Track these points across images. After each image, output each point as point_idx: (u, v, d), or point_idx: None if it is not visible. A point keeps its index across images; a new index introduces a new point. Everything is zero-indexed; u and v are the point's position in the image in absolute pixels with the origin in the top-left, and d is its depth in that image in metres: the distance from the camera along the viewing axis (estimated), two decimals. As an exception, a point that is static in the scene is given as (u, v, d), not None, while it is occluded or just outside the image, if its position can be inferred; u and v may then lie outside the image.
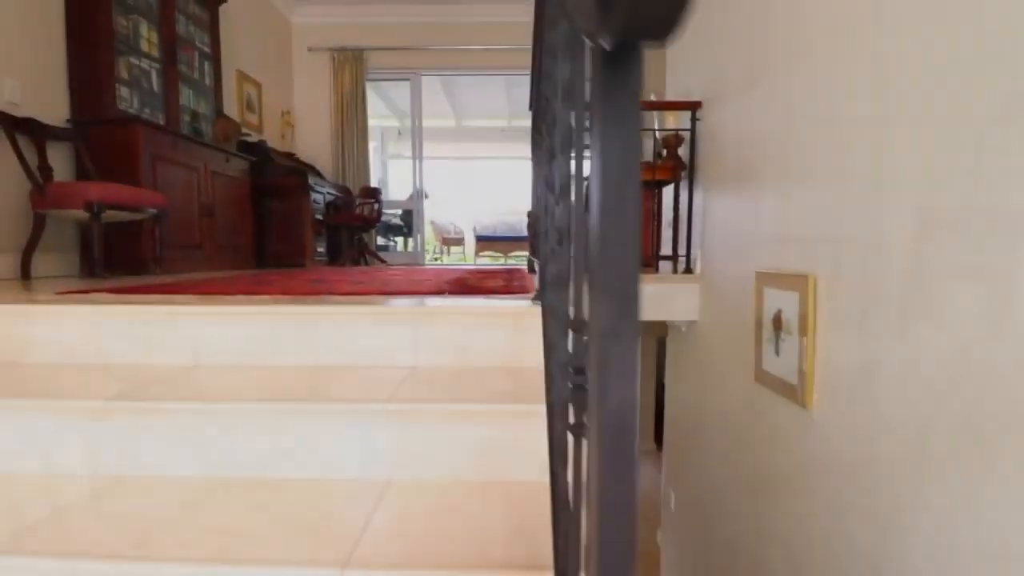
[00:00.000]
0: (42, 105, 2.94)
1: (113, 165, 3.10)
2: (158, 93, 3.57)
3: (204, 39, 4.09)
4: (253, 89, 5.24)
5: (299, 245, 4.86)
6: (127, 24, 3.31)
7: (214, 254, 3.83)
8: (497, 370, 1.37)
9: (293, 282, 2.24)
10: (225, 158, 3.99)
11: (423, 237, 6.62)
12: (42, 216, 2.69)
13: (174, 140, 3.40)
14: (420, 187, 6.53)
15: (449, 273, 3.16)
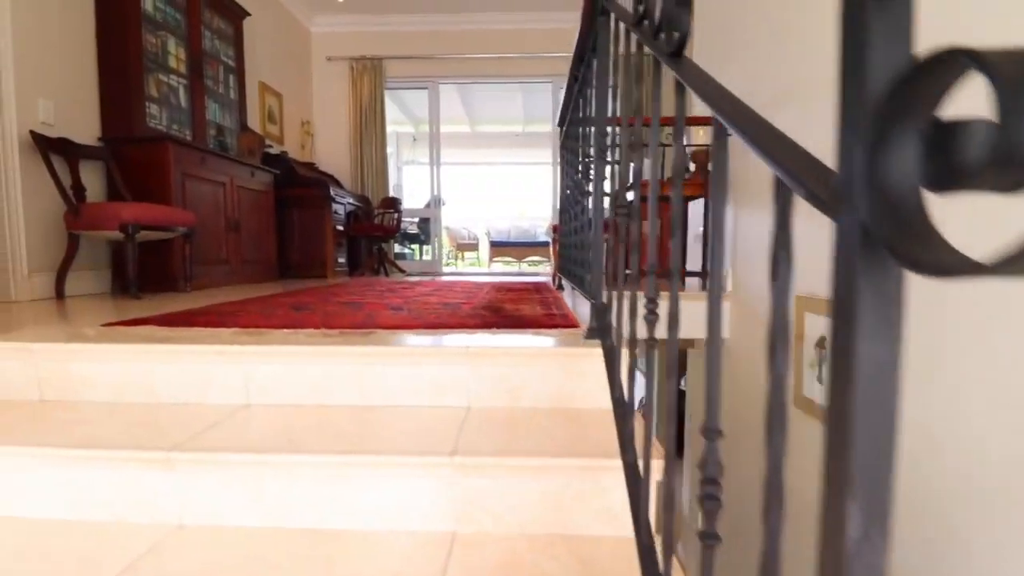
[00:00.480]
0: (74, 124, 2.96)
1: (143, 182, 3.11)
2: (185, 109, 3.59)
3: (229, 53, 4.10)
4: (274, 100, 5.25)
5: (320, 256, 4.87)
6: (156, 41, 3.32)
7: (239, 268, 3.83)
8: (553, 413, 1.34)
9: (330, 307, 2.23)
10: (250, 172, 4.00)
11: (441, 246, 6.62)
12: (76, 236, 2.71)
13: (202, 156, 3.41)
14: (437, 195, 6.53)
15: (477, 291, 3.14)
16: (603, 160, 1.56)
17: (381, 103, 6.10)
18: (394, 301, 2.47)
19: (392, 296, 2.75)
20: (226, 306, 2.25)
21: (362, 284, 3.73)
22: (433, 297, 2.68)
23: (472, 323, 1.75)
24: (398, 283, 3.90)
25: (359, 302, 2.42)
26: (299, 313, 2.01)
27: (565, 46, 6.31)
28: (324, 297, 2.67)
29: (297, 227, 4.86)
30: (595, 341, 1.46)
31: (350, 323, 1.76)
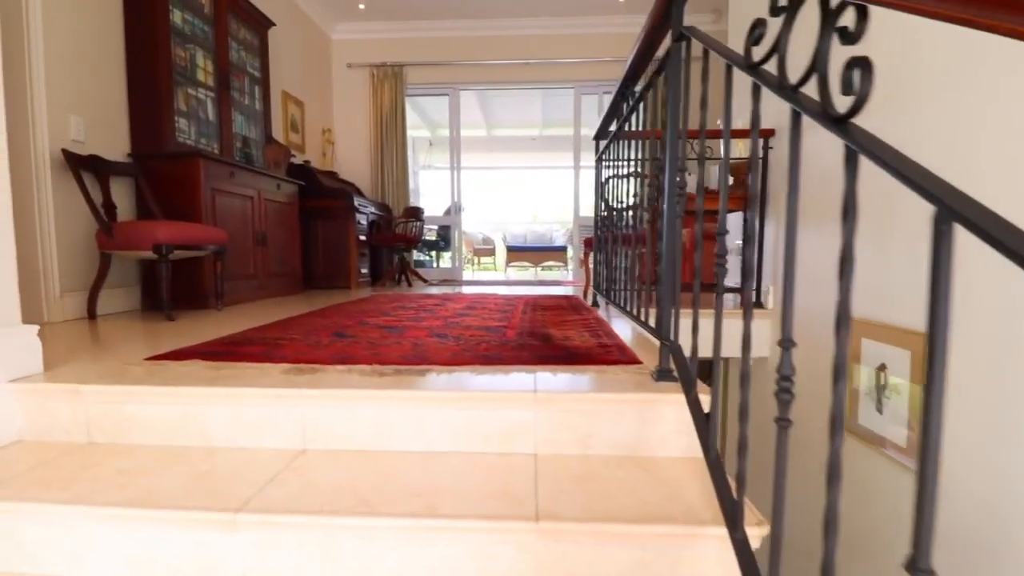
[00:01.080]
0: (104, 141, 2.93)
1: (173, 198, 3.07)
2: (213, 122, 3.55)
3: (254, 63, 4.06)
4: (296, 109, 5.21)
5: (344, 267, 4.82)
6: (184, 55, 3.28)
7: (266, 282, 3.79)
8: (627, 463, 1.27)
9: (370, 331, 2.17)
10: (276, 184, 3.96)
11: (460, 253, 6.56)
12: (108, 256, 2.67)
13: (231, 171, 3.37)
14: (458, 201, 6.47)
15: (512, 309, 3.07)
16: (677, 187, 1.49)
17: (402, 110, 6.05)
18: (434, 324, 2.41)
19: (429, 317, 2.69)
20: (266, 330, 2.20)
21: (390, 299, 3.67)
22: (471, 317, 2.61)
23: (527, 357, 1.68)
24: (426, 297, 3.84)
25: (398, 326, 2.36)
26: (343, 341, 1.95)
27: (587, 51, 6.28)
28: (359, 317, 2.62)
29: (321, 238, 4.82)
30: (668, 384, 1.39)
31: (400, 356, 1.70)
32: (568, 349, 1.81)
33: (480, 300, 3.52)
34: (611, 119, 2.72)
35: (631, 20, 5.91)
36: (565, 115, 8.57)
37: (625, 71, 2.12)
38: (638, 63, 1.96)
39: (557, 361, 1.64)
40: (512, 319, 2.59)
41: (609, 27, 5.98)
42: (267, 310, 3.11)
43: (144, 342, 2.04)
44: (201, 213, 3.07)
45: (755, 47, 0.91)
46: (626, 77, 2.14)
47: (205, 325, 2.51)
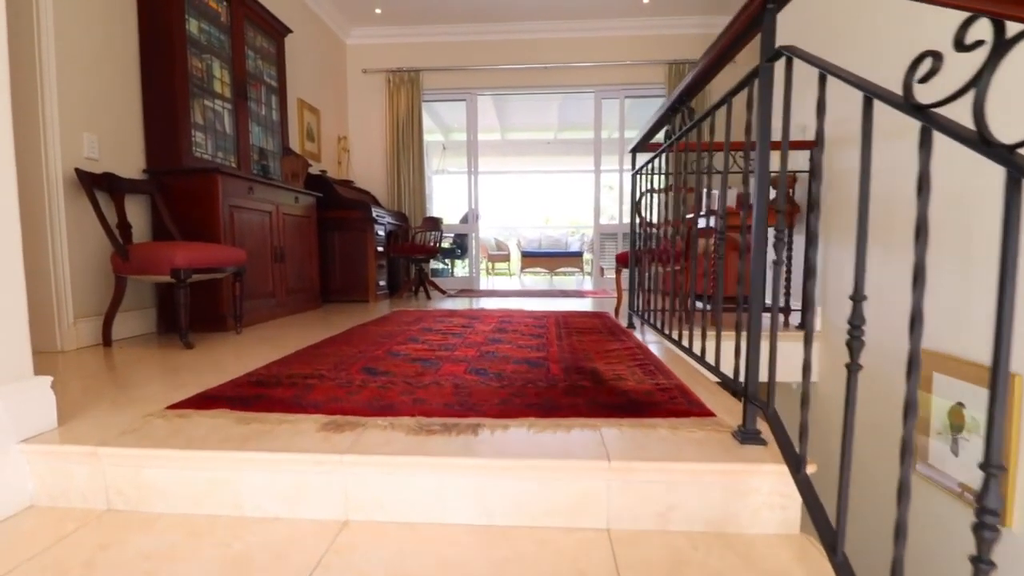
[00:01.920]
0: (119, 158, 2.80)
1: (190, 216, 2.95)
2: (230, 134, 3.42)
3: (271, 72, 3.94)
4: (312, 117, 5.08)
5: (362, 280, 4.69)
6: (201, 66, 3.15)
7: (284, 299, 3.66)
8: (715, 543, 1.11)
9: (402, 365, 2.02)
10: (294, 197, 3.83)
11: (478, 261, 6.41)
12: (123, 279, 2.54)
13: (250, 186, 3.24)
14: (475, 208, 6.32)
15: (545, 332, 2.92)
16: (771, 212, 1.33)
17: (418, 116, 5.91)
18: (468, 354, 2.26)
19: (460, 344, 2.54)
20: (292, 363, 2.06)
21: (413, 317, 3.53)
22: (505, 345, 2.46)
23: (583, 406, 1.53)
24: (450, 315, 3.69)
25: (430, 357, 2.21)
26: (376, 380, 1.81)
27: (609, 55, 6.11)
28: (386, 344, 2.47)
29: (338, 250, 4.69)
30: (756, 448, 1.23)
31: (443, 404, 1.55)
32: (626, 394, 1.65)
33: (507, 319, 3.37)
34: (654, 133, 2.56)
35: (655, 23, 5.73)
36: (582, 118, 8.42)
37: (684, 86, 1.96)
38: (700, 79, 1.80)
39: (619, 412, 1.48)
40: (550, 347, 2.44)
41: (631, 30, 5.80)
42: (288, 332, 2.98)
43: (164, 380, 1.91)
44: (219, 231, 2.94)
45: (919, 83, 0.75)
46: (683, 92, 1.98)
47: (225, 354, 2.38)
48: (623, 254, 3.41)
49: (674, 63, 5.74)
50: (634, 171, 3.03)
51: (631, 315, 3.10)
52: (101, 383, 1.88)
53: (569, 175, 11.51)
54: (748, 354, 1.35)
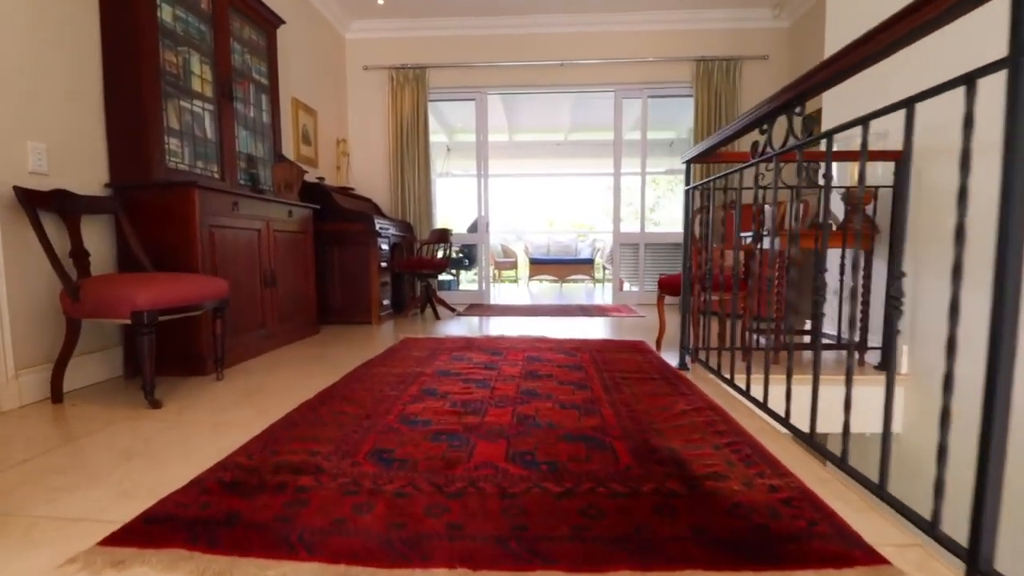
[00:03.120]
0: (75, 170, 2.33)
1: (163, 239, 2.48)
2: (212, 140, 2.95)
3: (261, 68, 3.46)
4: (308, 119, 4.61)
5: (364, 299, 4.22)
6: (176, 60, 2.68)
7: (276, 329, 3.19)
8: None
9: (429, 449, 1.56)
10: (288, 211, 3.36)
11: (488, 273, 5.94)
12: (76, 322, 2.07)
13: (234, 200, 2.77)
14: (486, 216, 5.85)
15: (583, 376, 2.46)
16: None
17: (424, 117, 5.44)
18: (503, 421, 1.79)
19: (486, 397, 2.08)
20: (280, 438, 1.58)
21: (427, 352, 3.06)
22: (544, 400, 1.99)
23: (691, 547, 1.06)
24: (466, 346, 3.23)
25: (456, 430, 1.75)
26: (390, 473, 1.34)
27: (630, 51, 5.63)
28: (399, 401, 2.00)
29: (337, 266, 4.22)
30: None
31: (493, 537, 1.09)
32: (741, 514, 1.19)
33: (535, 354, 2.90)
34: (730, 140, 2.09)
35: (681, 16, 5.27)
36: (594, 119, 7.94)
37: (809, 82, 1.49)
38: (840, 72, 1.33)
39: (747, 560, 1.02)
40: (600, 405, 1.97)
41: (655, 24, 5.34)
42: (278, 377, 2.51)
43: (111, 471, 1.44)
44: (197, 257, 2.47)
45: None
46: (804, 89, 1.51)
47: (198, 417, 1.91)
48: (670, 279, 2.95)
49: (702, 60, 5.28)
50: (691, 185, 2.56)
51: (683, 354, 2.64)
52: (21, 481, 1.40)
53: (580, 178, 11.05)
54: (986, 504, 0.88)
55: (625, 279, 5.96)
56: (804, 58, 5.04)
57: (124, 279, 2.06)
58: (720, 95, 5.27)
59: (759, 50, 5.31)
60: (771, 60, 5.32)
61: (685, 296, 2.62)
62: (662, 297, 3.04)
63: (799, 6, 5.02)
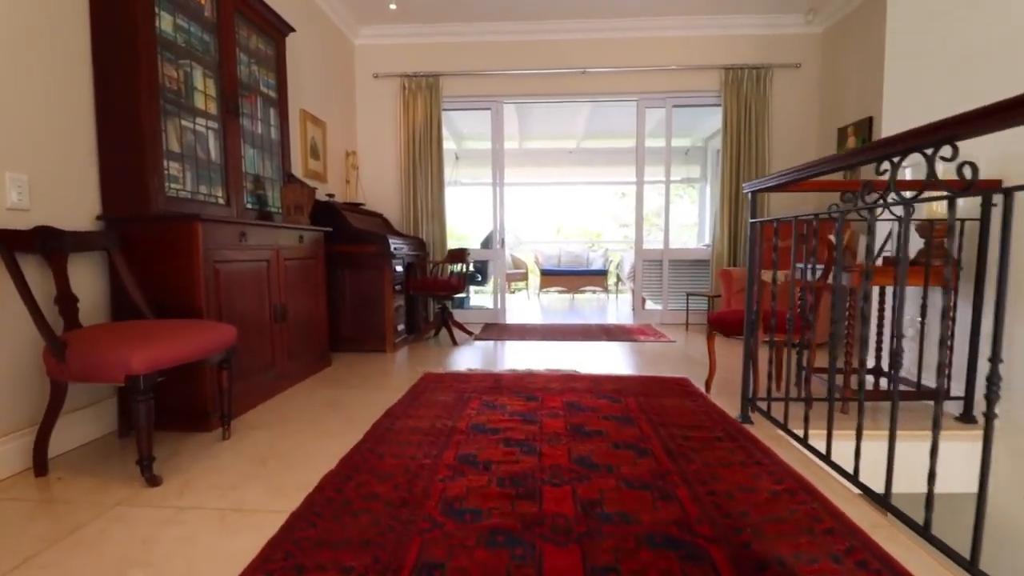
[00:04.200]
0: (62, 203, 2.05)
1: (163, 277, 2.20)
2: (216, 162, 2.66)
3: (269, 80, 3.18)
4: (317, 131, 4.33)
5: (378, 326, 3.94)
6: (177, 75, 2.40)
7: (286, 367, 2.91)
8: None
9: (481, 557, 1.28)
10: (299, 236, 3.07)
11: (504, 290, 5.65)
12: (63, 385, 1.79)
13: (241, 231, 2.48)
14: (501, 229, 5.56)
15: (638, 433, 2.18)
16: None
17: (437, 128, 5.16)
18: (566, 513, 1.51)
19: (534, 468, 1.80)
20: (306, 566, 1.30)
21: (453, 396, 2.78)
22: (604, 477, 1.71)
23: None
24: (494, 387, 2.95)
25: (513, 527, 1.47)
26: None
27: (654, 58, 5.34)
28: (432, 480, 1.72)
29: (349, 290, 3.94)
30: None
31: None
32: None
33: (571, 394, 2.62)
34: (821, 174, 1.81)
35: (709, 22, 4.99)
36: (609, 126, 7.67)
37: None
38: None
39: None
40: (672, 481, 1.69)
41: (680, 30, 5.06)
42: (290, 430, 2.23)
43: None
44: (201, 298, 2.19)
45: None
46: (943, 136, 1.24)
47: (204, 494, 1.63)
48: (723, 317, 2.67)
49: (731, 68, 5.00)
50: (758, 219, 2.27)
51: (746, 405, 2.36)
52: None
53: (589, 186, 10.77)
54: None
55: (647, 296, 5.68)
56: (838, 67, 4.77)
57: (117, 334, 1.78)
58: (750, 105, 4.99)
59: (791, 57, 5.04)
60: (804, 68, 5.05)
61: (748, 339, 2.34)
62: (713, 335, 2.76)
63: (834, 12, 4.75)
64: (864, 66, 4.41)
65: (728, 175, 5.03)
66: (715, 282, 5.10)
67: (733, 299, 4.44)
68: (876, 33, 4.25)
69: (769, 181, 2.11)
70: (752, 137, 5.00)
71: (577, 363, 3.63)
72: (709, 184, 8.05)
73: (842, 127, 4.65)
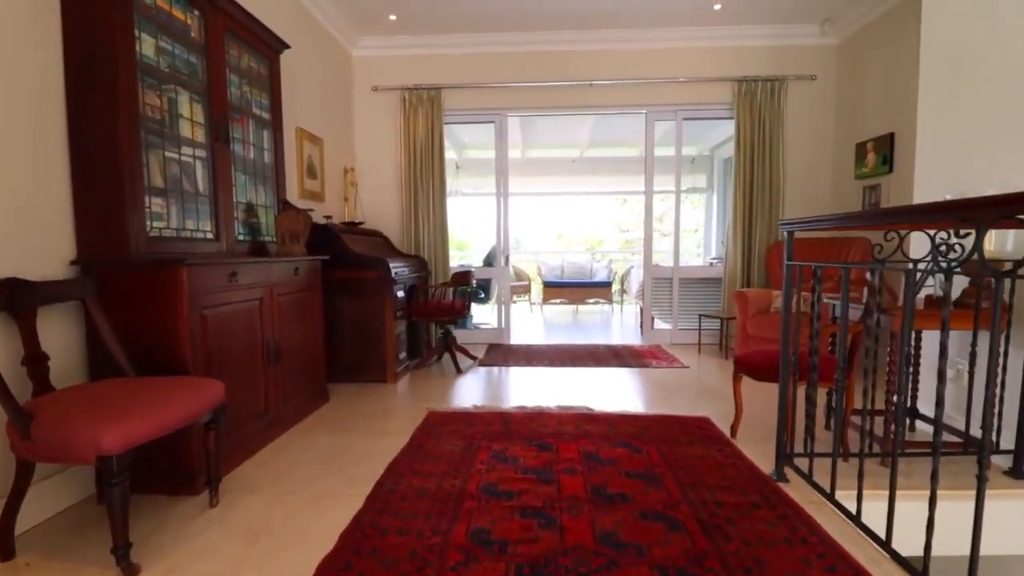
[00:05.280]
0: (30, 249, 1.85)
1: (145, 328, 2.00)
2: (204, 194, 2.47)
3: (262, 101, 2.99)
4: (314, 149, 4.13)
5: (378, 356, 3.76)
6: (160, 103, 2.20)
7: (280, 411, 2.72)
8: None
9: None
10: (294, 269, 2.88)
11: (508, 309, 5.46)
12: (29, 464, 1.59)
13: (231, 271, 2.29)
14: (504, 242, 5.37)
15: (665, 495, 1.99)
16: None
17: (439, 142, 4.96)
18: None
19: (566, 566, 1.61)
20: None
21: (459, 439, 2.60)
22: (641, 563, 1.52)
23: None
24: (504, 430, 2.77)
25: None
26: None
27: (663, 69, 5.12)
28: (440, 544, 1.53)
29: (348, 318, 3.74)
30: None
31: None
32: None
33: (587, 440, 2.43)
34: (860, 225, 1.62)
35: (721, 33, 4.81)
36: (614, 135, 7.48)
37: None
38: None
39: None
40: (712, 567, 1.51)
41: (690, 40, 4.88)
42: (283, 493, 2.04)
43: None
44: (186, 352, 2.00)
45: None
46: None
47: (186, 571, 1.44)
48: (752, 358, 2.49)
49: (743, 80, 4.82)
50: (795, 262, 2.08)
51: (781, 462, 2.17)
52: None
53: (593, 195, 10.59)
54: None
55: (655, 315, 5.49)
56: (855, 79, 4.60)
57: (89, 403, 1.58)
58: (764, 118, 4.81)
59: (805, 69, 4.86)
60: (819, 81, 4.87)
61: (784, 390, 2.15)
62: (739, 377, 2.57)
63: (851, 23, 4.57)
64: (883, 79, 4.23)
65: (742, 191, 4.84)
66: (728, 303, 4.92)
67: (750, 323, 4.26)
68: (896, 46, 4.08)
69: (814, 224, 1.93)
70: (766, 151, 4.82)
71: (589, 395, 3.45)
72: (716, 194, 7.88)
73: (861, 142, 4.47)
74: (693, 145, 7.86)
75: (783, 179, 4.85)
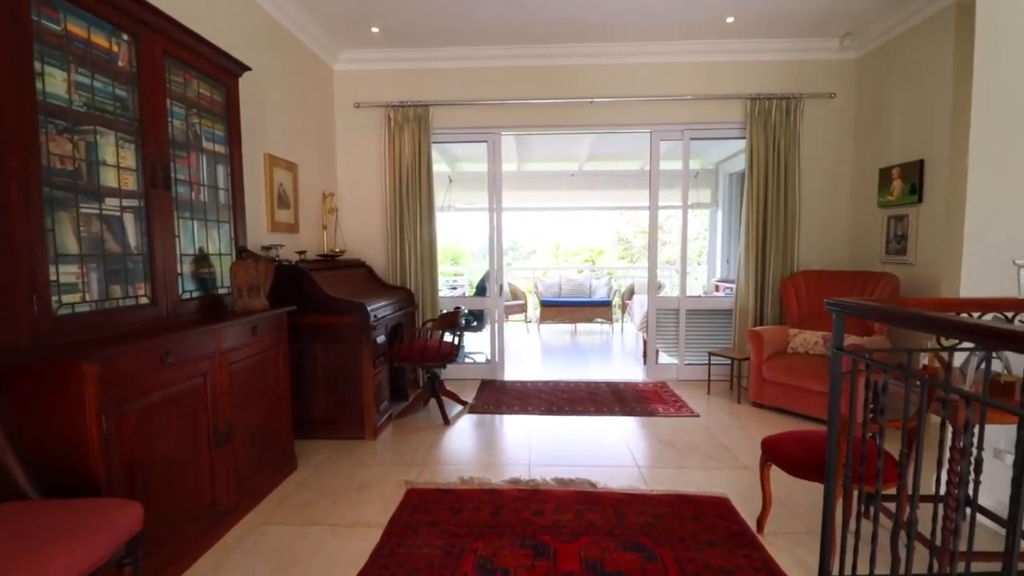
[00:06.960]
0: None
1: (46, 435, 1.61)
2: (136, 251, 2.08)
3: (216, 133, 2.60)
4: (286, 175, 3.74)
5: (355, 408, 3.38)
6: (68, 151, 1.81)
7: (233, 500, 2.33)
8: None
9: None
10: (251, 328, 2.49)
11: (502, 341, 5.07)
12: None
13: (164, 352, 1.90)
14: (498, 268, 4.99)
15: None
16: None
17: (427, 163, 4.58)
18: None
19: None
20: None
21: (442, 532, 2.22)
22: None
23: None
24: (495, 525, 2.39)
25: None
26: None
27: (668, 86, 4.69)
28: None
29: (322, 367, 3.36)
30: None
31: None
32: None
33: (589, 533, 2.05)
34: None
35: (732, 47, 4.45)
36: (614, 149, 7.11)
37: None
38: None
39: None
40: None
41: (699, 55, 4.51)
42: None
43: None
44: (96, 466, 1.61)
45: None
46: None
47: None
48: (784, 444, 2.11)
49: (756, 98, 4.45)
50: (845, 351, 1.70)
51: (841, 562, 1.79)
52: None
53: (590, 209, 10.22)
54: None
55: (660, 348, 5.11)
56: (877, 99, 4.23)
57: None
58: (778, 138, 4.44)
59: (823, 86, 4.49)
60: (838, 99, 4.50)
61: (830, 506, 1.77)
62: (768, 466, 2.20)
63: (874, 37, 4.20)
64: (910, 100, 3.86)
65: (754, 219, 4.47)
66: (739, 340, 4.55)
67: (765, 366, 3.89)
68: (924, 64, 3.71)
69: (863, 312, 1.55)
70: (781, 175, 4.45)
71: (590, 457, 3.08)
72: (721, 210, 7.51)
73: (884, 168, 4.11)
74: (696, 158, 7.49)
75: (799, 205, 4.48)
